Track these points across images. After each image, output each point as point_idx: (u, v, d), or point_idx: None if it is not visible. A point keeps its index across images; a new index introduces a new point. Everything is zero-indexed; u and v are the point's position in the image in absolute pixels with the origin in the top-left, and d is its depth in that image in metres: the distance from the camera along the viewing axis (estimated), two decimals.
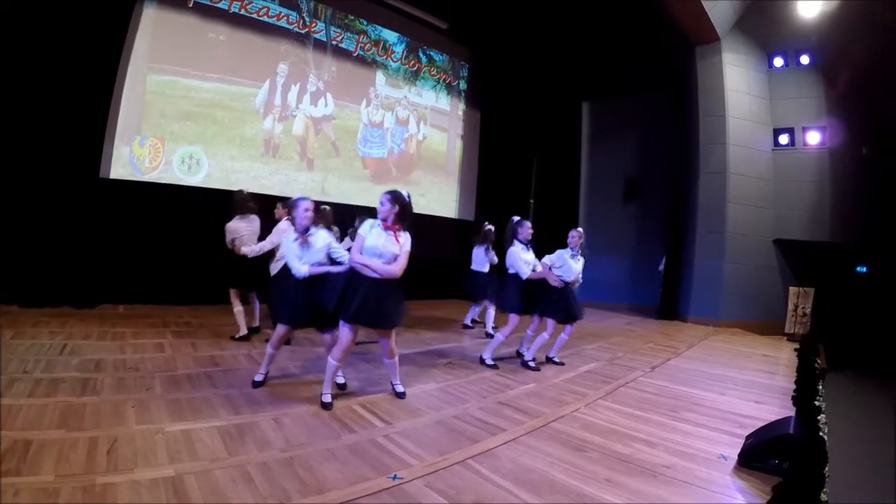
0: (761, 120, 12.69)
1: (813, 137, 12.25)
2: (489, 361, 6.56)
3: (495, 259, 8.82)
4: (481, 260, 8.78)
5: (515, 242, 6.47)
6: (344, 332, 4.43)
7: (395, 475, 3.17)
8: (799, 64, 12.46)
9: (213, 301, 8.09)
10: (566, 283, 6.51)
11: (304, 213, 4.71)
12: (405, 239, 4.57)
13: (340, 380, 4.92)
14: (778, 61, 12.73)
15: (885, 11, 10.82)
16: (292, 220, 6.25)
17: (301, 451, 3.43)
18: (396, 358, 4.83)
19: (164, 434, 3.47)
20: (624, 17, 12.50)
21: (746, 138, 12.46)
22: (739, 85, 12.55)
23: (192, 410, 3.97)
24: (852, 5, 11.22)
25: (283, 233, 6.44)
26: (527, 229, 6.52)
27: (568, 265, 6.50)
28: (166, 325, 7.09)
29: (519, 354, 6.94)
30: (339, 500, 2.84)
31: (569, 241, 6.59)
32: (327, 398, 4.44)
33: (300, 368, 5.49)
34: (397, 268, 4.47)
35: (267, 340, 6.64)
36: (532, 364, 6.55)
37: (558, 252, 6.59)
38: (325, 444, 3.58)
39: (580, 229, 6.75)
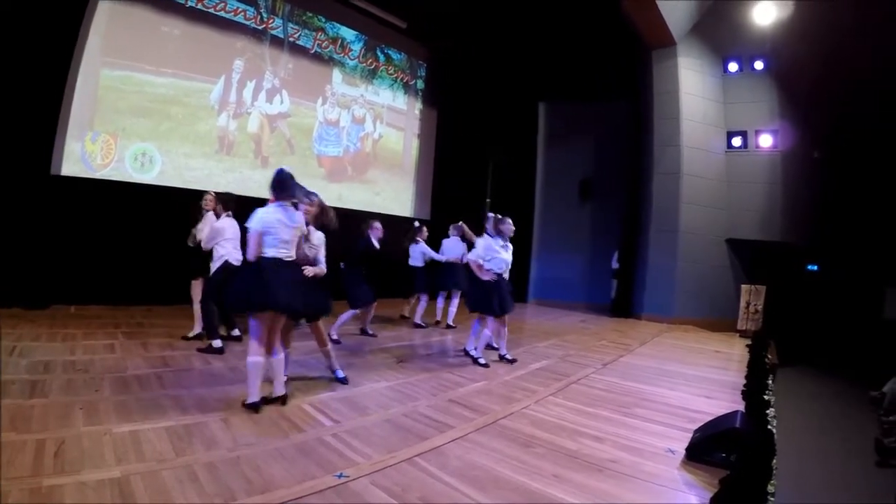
0: (715, 123, 12.98)
1: (765, 140, 12.58)
2: (482, 360, 6.69)
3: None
4: (416, 256, 9.10)
5: (486, 235, 6.81)
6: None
7: (342, 473, 3.19)
8: (753, 69, 12.78)
9: (166, 301, 8.01)
10: (499, 276, 6.63)
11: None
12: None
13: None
14: (732, 66, 13.04)
15: (838, 14, 11.20)
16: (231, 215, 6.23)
17: (248, 450, 3.43)
18: (282, 355, 4.61)
19: (111, 435, 3.44)
20: (582, 21, 12.65)
21: (700, 140, 12.74)
22: (694, 88, 12.81)
23: (141, 411, 3.94)
24: (806, 14, 11.54)
25: (221, 231, 6.37)
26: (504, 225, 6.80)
27: (499, 257, 6.61)
28: (118, 325, 7.00)
29: (466, 353, 7.01)
30: (285, 498, 2.85)
31: (504, 230, 6.70)
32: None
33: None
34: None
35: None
36: (482, 361, 6.63)
37: (485, 244, 6.69)
38: (273, 444, 3.58)
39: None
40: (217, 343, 6.23)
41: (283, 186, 4.46)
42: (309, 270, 4.70)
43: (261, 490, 2.91)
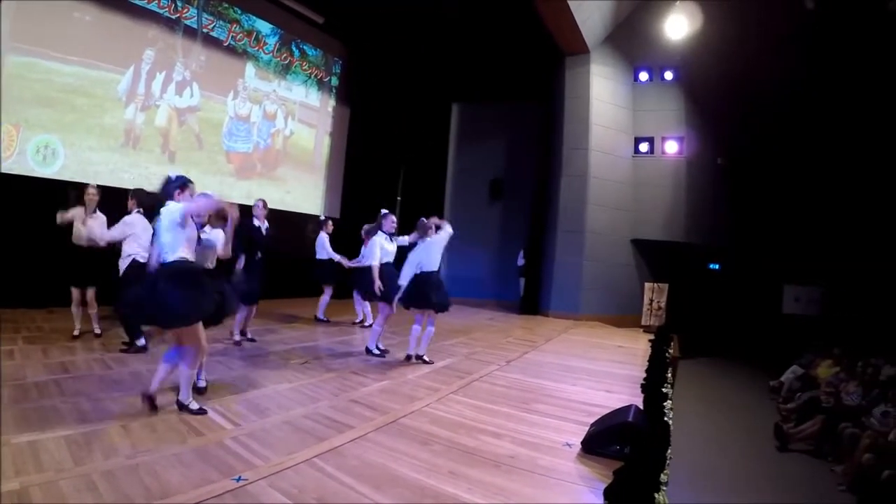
0: (623, 128, 13.58)
1: (671, 147, 13.28)
2: (375, 350, 7.10)
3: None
4: (320, 248, 9.39)
5: (379, 233, 7.04)
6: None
7: (240, 477, 3.24)
8: (663, 79, 13.47)
9: (68, 303, 7.73)
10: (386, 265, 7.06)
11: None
12: None
13: (202, 383, 4.92)
14: (643, 75, 13.72)
15: (744, 31, 11.93)
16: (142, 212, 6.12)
17: (147, 456, 3.43)
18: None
19: (10, 446, 3.37)
20: (498, 25, 12.94)
21: (608, 145, 13.29)
22: (605, 95, 13.34)
23: (40, 420, 3.87)
24: (715, 29, 12.24)
25: (132, 225, 6.27)
26: (390, 222, 7.09)
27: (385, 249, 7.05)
28: (18, 330, 6.72)
29: (375, 349, 7.24)
30: (182, 503, 2.90)
31: (385, 225, 7.11)
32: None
33: (153, 373, 5.41)
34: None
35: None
36: (378, 351, 7.14)
37: (373, 240, 7.07)
38: (172, 449, 3.59)
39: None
40: (141, 342, 6.20)
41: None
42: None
43: (159, 496, 2.94)
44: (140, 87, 9.85)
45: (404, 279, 6.67)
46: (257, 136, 12.26)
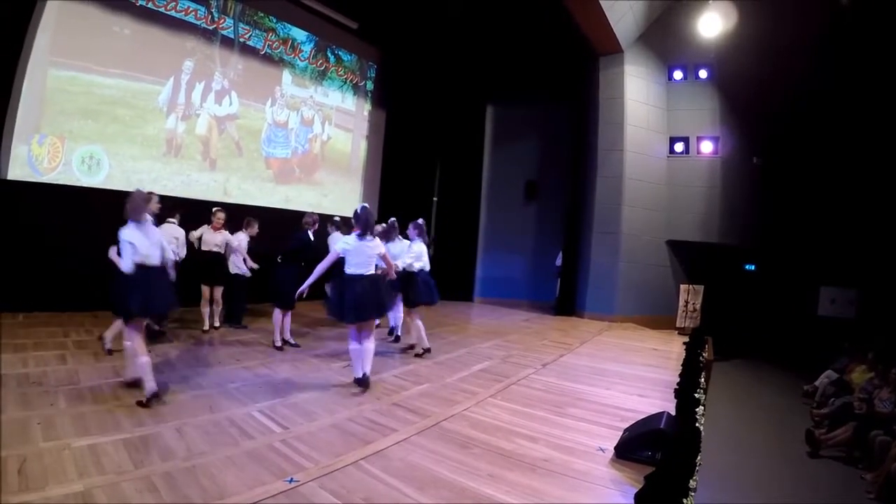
0: (658, 128, 13.43)
1: (706, 146, 13.08)
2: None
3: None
4: None
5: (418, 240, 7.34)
6: None
7: (291, 478, 3.36)
8: (697, 77, 13.26)
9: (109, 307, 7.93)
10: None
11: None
12: None
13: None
14: (677, 74, 13.51)
15: (779, 28, 11.79)
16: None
17: (202, 459, 3.56)
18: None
19: (71, 450, 3.50)
20: (531, 26, 12.93)
21: (643, 145, 13.17)
22: (639, 95, 13.22)
23: (98, 424, 4.00)
24: (748, 28, 12.10)
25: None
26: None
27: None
28: (67, 334, 6.88)
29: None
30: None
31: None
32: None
33: (200, 376, 5.57)
34: None
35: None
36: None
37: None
38: (226, 452, 3.72)
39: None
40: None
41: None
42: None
43: (216, 497, 3.07)
44: (180, 96, 10.07)
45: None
46: (295, 141, 12.43)
